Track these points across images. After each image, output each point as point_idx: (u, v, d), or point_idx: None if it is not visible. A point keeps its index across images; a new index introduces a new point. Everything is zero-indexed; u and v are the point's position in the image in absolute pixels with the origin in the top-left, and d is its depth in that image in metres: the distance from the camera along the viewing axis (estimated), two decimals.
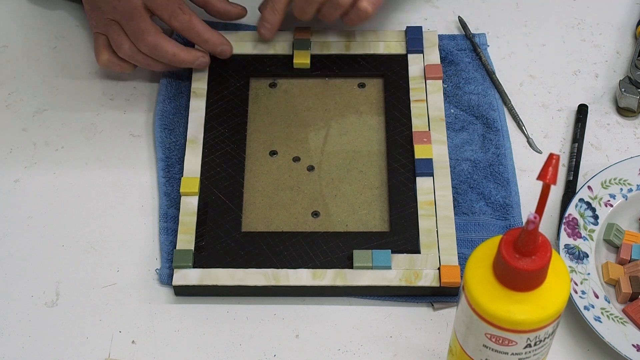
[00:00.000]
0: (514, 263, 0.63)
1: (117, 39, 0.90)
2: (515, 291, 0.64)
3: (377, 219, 0.86)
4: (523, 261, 0.63)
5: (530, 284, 0.64)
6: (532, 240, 0.62)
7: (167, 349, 0.80)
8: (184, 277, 0.82)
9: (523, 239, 0.62)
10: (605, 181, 0.86)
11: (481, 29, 1.01)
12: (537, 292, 0.64)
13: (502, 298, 0.64)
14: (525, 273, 0.63)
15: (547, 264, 0.63)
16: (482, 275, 0.65)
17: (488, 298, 0.65)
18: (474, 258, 0.66)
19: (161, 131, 0.92)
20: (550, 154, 0.60)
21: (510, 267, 0.63)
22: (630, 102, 0.93)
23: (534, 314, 0.64)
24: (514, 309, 0.64)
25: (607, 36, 1.01)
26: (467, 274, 0.66)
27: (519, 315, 0.64)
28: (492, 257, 0.65)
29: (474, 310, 0.66)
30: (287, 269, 0.82)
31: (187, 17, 0.90)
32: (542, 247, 0.63)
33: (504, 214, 0.86)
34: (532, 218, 0.61)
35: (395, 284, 0.81)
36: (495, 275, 0.65)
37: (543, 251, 0.63)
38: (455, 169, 0.89)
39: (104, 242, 0.86)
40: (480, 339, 0.68)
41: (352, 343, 0.81)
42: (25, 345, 0.81)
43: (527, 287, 0.64)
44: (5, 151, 0.92)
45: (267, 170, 0.89)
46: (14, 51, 1.00)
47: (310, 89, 0.94)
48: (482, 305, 0.65)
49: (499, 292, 0.64)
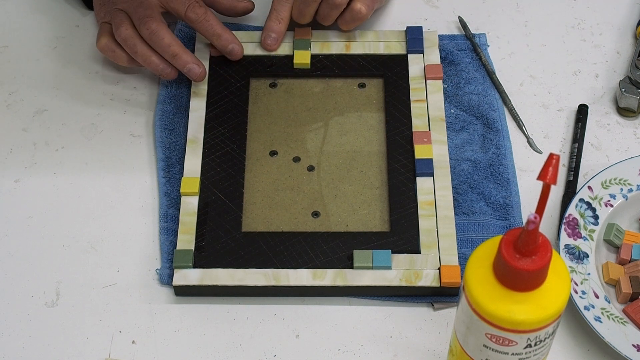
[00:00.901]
0: (514, 263, 0.63)
1: (118, 21, 0.90)
2: (516, 291, 0.64)
3: (377, 219, 0.86)
4: (523, 261, 0.63)
5: (531, 284, 0.64)
6: (532, 240, 0.62)
7: (167, 349, 0.80)
8: (184, 277, 0.82)
9: (523, 239, 0.62)
10: (605, 181, 0.86)
11: (481, 29, 1.01)
12: (538, 292, 0.64)
13: (502, 298, 0.64)
14: (526, 273, 0.63)
15: (547, 264, 0.63)
16: (482, 275, 0.65)
17: (488, 298, 0.65)
18: (474, 258, 0.66)
19: (161, 131, 0.92)
20: (550, 154, 0.60)
21: (511, 267, 0.63)
22: (631, 102, 0.93)
23: (535, 314, 0.64)
24: (514, 309, 0.64)
25: (607, 36, 1.01)
26: (467, 274, 0.66)
27: (519, 315, 0.64)
28: (492, 257, 0.65)
29: (474, 310, 0.66)
30: (287, 269, 0.82)
31: (202, 9, 0.91)
32: (543, 247, 0.63)
33: (504, 214, 0.86)
34: (533, 218, 0.61)
35: (396, 284, 0.81)
36: (496, 276, 0.65)
37: (543, 251, 0.63)
38: (456, 169, 0.89)
39: (104, 242, 0.86)
40: (481, 339, 0.68)
41: (352, 343, 0.81)
42: (25, 345, 0.81)
43: (528, 287, 0.64)
44: (5, 151, 0.92)
45: (268, 170, 0.89)
46: (14, 51, 1.00)
47: (311, 89, 0.94)
48: (482, 305, 0.65)
49: (499, 292, 0.64)
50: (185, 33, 0.99)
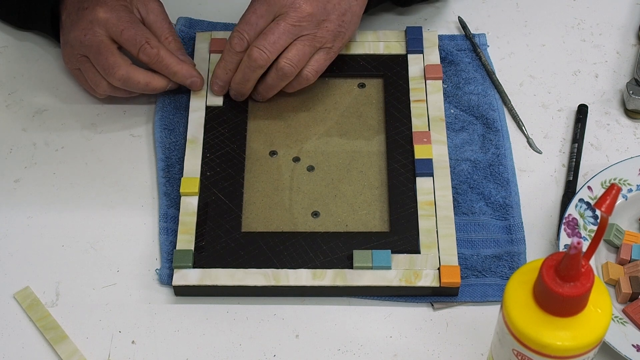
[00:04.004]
0: (555, 288, 0.62)
1: (92, 78, 0.90)
2: (554, 316, 0.64)
3: (377, 219, 0.86)
4: (564, 286, 0.62)
5: (569, 310, 0.63)
6: (574, 266, 0.61)
7: (167, 349, 0.80)
8: (183, 277, 0.82)
9: (565, 263, 0.61)
10: (605, 181, 0.86)
11: (481, 29, 1.01)
12: (576, 320, 0.64)
13: (540, 322, 0.64)
14: (565, 299, 0.62)
15: (587, 291, 0.62)
16: (522, 298, 0.65)
17: (525, 321, 0.64)
18: (515, 280, 0.66)
19: (161, 131, 0.92)
20: (612, 185, 0.59)
21: (550, 291, 0.62)
22: (639, 103, 0.93)
23: (568, 340, 0.64)
24: (549, 335, 0.64)
25: (607, 36, 1.01)
26: (506, 294, 0.65)
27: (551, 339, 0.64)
28: (534, 279, 0.64)
29: (510, 332, 0.65)
30: (287, 269, 0.82)
31: (155, 50, 0.89)
32: (585, 273, 0.62)
33: (504, 214, 0.86)
34: (575, 244, 0.60)
35: (395, 284, 0.81)
36: (535, 299, 0.64)
37: (585, 278, 0.62)
38: (455, 169, 0.89)
39: (104, 242, 0.86)
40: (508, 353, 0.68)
41: (352, 343, 0.81)
42: (25, 345, 0.81)
43: (566, 312, 0.63)
44: (5, 151, 0.92)
45: (267, 170, 0.89)
46: (14, 51, 1.00)
47: (310, 89, 0.94)
48: (519, 328, 0.64)
49: (538, 316, 0.64)
50: (185, 33, 0.99)
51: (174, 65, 0.90)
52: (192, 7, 1.03)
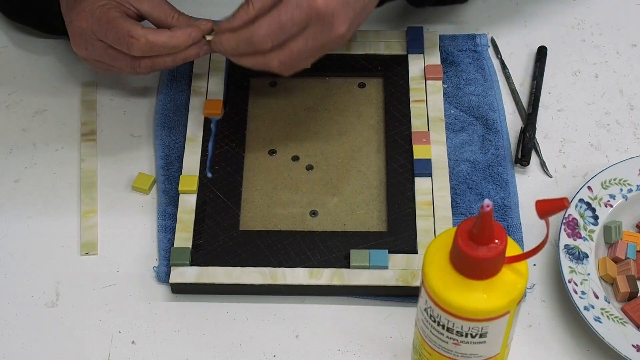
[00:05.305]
0: (467, 250, 0.63)
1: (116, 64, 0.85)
2: (470, 279, 0.65)
3: (375, 219, 0.86)
4: (477, 249, 0.63)
5: (484, 273, 0.64)
6: (485, 227, 0.62)
7: (167, 349, 0.80)
8: (181, 275, 0.82)
9: (477, 225, 0.62)
10: (605, 181, 0.86)
11: (481, 29, 1.01)
12: (491, 282, 0.65)
13: (457, 286, 0.65)
14: (478, 261, 0.63)
15: (501, 253, 0.63)
16: (439, 263, 0.66)
17: (443, 285, 0.65)
18: (433, 247, 0.67)
19: (161, 129, 0.92)
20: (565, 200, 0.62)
21: (463, 254, 0.63)
22: None
23: (485, 303, 0.65)
24: (467, 297, 0.65)
25: (607, 36, 1.01)
26: (425, 261, 0.67)
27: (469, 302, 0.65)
28: (449, 246, 0.66)
29: (430, 297, 0.66)
30: (284, 268, 0.82)
31: (142, 40, 0.81)
32: (498, 235, 0.63)
33: (503, 215, 0.86)
34: (485, 205, 0.61)
35: (392, 284, 0.81)
36: (452, 263, 0.65)
37: (498, 240, 0.63)
38: (455, 170, 0.89)
39: (103, 242, 0.86)
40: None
41: (352, 343, 0.81)
42: (25, 345, 0.81)
43: (481, 275, 0.65)
44: (5, 151, 0.92)
45: (266, 169, 0.89)
46: (14, 51, 1.00)
47: (310, 89, 0.94)
48: (438, 293, 0.65)
49: (455, 280, 0.65)
50: None
51: (169, 40, 0.82)
52: (192, 7, 1.03)
